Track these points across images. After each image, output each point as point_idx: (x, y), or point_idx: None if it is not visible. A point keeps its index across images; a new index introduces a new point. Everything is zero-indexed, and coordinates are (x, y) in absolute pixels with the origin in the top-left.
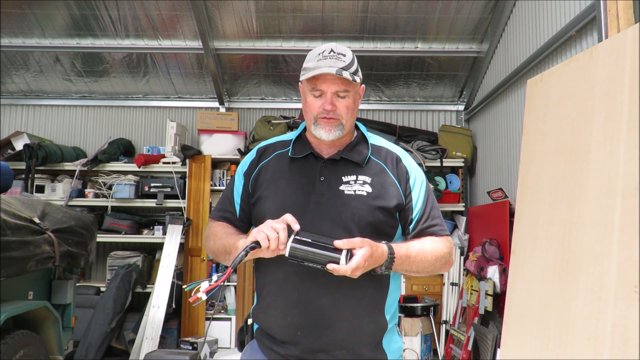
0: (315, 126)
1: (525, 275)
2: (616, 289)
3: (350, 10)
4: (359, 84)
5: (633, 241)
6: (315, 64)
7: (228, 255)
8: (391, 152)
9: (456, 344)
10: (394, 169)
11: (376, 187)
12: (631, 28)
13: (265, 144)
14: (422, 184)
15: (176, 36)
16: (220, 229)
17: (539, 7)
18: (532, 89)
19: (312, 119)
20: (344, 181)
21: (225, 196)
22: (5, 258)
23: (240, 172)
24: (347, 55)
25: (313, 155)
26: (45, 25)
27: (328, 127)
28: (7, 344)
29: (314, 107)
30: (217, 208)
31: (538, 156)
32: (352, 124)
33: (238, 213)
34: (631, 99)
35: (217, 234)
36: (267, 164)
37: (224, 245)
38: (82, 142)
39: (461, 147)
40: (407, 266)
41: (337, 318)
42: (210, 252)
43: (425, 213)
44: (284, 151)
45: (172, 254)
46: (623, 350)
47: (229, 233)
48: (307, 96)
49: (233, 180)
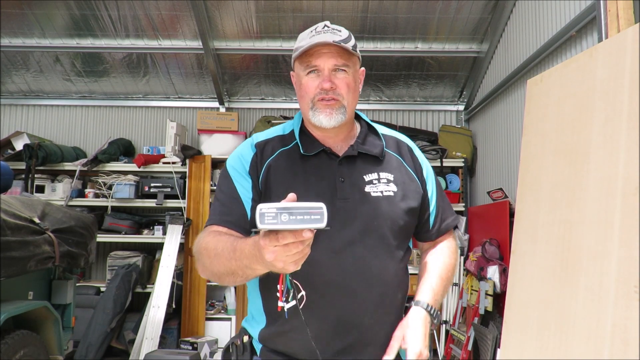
0: (313, 112)
1: (525, 275)
2: (616, 289)
3: (350, 10)
4: (358, 61)
5: (633, 241)
6: (308, 41)
7: (232, 276)
8: (402, 141)
9: (456, 344)
10: (410, 162)
11: (400, 185)
12: (631, 28)
13: (263, 139)
14: (432, 173)
15: (176, 36)
16: (217, 242)
17: (539, 7)
18: (532, 89)
19: (309, 103)
20: (366, 181)
21: (226, 198)
22: (5, 258)
23: (240, 169)
24: (344, 30)
25: (325, 153)
26: (45, 25)
27: (328, 111)
28: (7, 344)
29: (310, 88)
30: (220, 211)
31: (538, 156)
32: (353, 109)
33: (250, 216)
34: (631, 99)
35: (217, 249)
36: (275, 163)
37: (229, 268)
38: (82, 142)
39: (461, 147)
40: (442, 296)
41: (379, 335)
42: (208, 273)
43: (440, 207)
44: (290, 148)
45: (172, 254)
46: (623, 350)
47: (230, 249)
48: (301, 79)
49: (229, 179)
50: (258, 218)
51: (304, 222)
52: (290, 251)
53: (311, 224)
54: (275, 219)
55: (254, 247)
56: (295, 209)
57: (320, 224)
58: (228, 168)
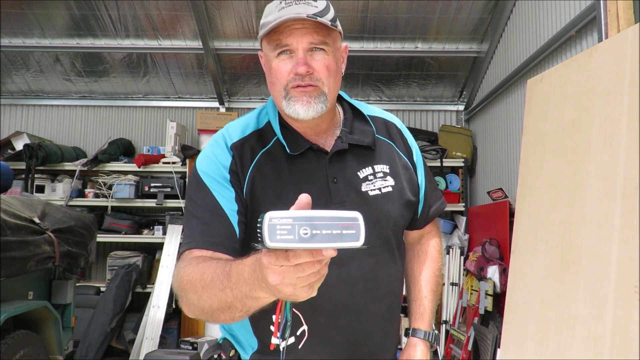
0: (287, 101)
1: (525, 275)
2: (616, 289)
3: (350, 10)
4: (340, 37)
5: (633, 241)
6: (277, 15)
7: (229, 311)
8: (390, 122)
9: (456, 344)
10: (401, 145)
11: (396, 177)
12: (631, 28)
13: (239, 139)
14: (421, 155)
15: (176, 36)
16: (203, 270)
17: (539, 7)
18: (532, 89)
19: (282, 91)
20: (361, 178)
21: (206, 213)
22: (5, 258)
23: (218, 176)
24: (320, 0)
25: (312, 150)
26: (45, 25)
27: (305, 99)
28: (7, 344)
29: (282, 73)
30: (201, 231)
31: (538, 156)
32: (336, 94)
33: (239, 233)
34: (631, 99)
35: (204, 279)
36: (258, 168)
37: (224, 300)
38: (82, 142)
39: (461, 147)
40: (436, 306)
41: (388, 348)
42: (197, 311)
43: (427, 193)
44: (271, 148)
45: (172, 254)
46: (623, 350)
47: (222, 276)
48: (270, 62)
49: (205, 189)
50: (267, 232)
51: (332, 238)
52: (304, 272)
53: (342, 241)
54: (292, 234)
55: (255, 268)
56: (319, 220)
57: (355, 242)
58: (202, 175)
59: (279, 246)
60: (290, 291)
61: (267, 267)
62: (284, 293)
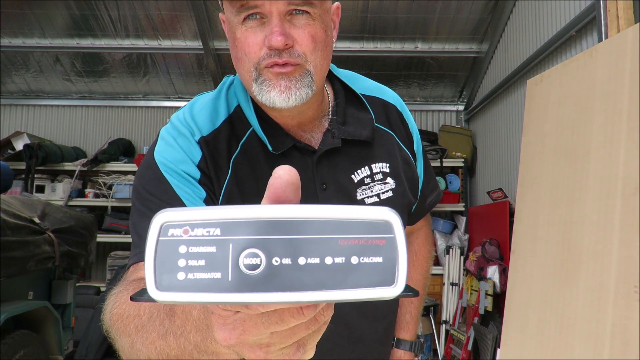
0: (259, 86)
1: (525, 275)
2: (616, 289)
3: (350, 10)
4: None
5: (633, 241)
6: None
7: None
8: (390, 104)
9: (456, 344)
10: (402, 134)
11: (397, 177)
12: (631, 28)
13: (210, 131)
14: (420, 140)
15: (176, 36)
16: (140, 303)
17: (539, 7)
18: (532, 89)
19: (252, 71)
20: (355, 182)
21: None
22: (5, 258)
23: (182, 172)
24: None
25: (296, 149)
26: (45, 25)
27: (284, 84)
28: (7, 344)
29: (250, 46)
30: None
31: (538, 156)
32: (324, 74)
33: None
34: (631, 99)
35: (141, 315)
36: (235, 174)
37: (166, 353)
38: (82, 142)
39: (461, 147)
40: (422, 306)
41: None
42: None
43: (425, 183)
44: (245, 143)
45: None
46: (623, 350)
47: (164, 313)
48: (235, 30)
49: (164, 185)
50: (152, 263)
51: (322, 279)
52: (284, 324)
53: (351, 286)
54: (217, 268)
55: (206, 310)
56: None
57: (387, 288)
58: (161, 167)
59: (174, 300)
60: (259, 356)
61: (212, 311)
62: (250, 357)
